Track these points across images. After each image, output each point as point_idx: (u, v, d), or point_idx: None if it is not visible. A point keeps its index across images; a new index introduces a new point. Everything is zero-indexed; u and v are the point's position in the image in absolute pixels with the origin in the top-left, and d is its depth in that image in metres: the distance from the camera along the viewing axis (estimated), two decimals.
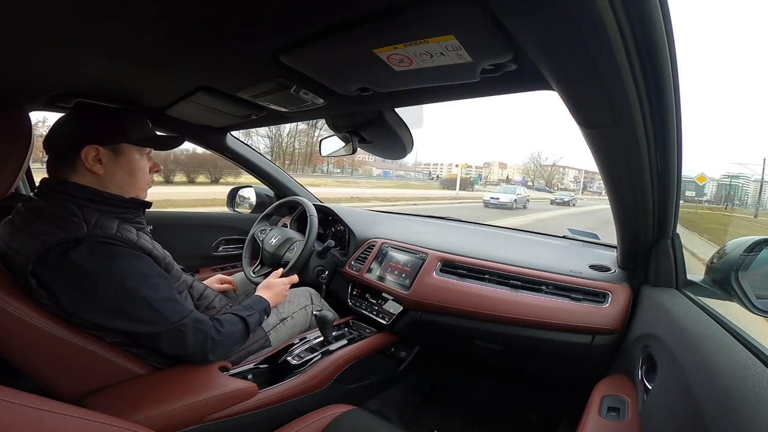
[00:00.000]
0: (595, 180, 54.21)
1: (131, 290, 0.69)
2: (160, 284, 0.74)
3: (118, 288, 0.68)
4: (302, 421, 0.80)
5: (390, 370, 1.25)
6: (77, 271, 0.65)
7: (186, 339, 0.74)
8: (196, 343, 0.75)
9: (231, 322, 0.83)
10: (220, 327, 0.80)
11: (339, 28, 0.51)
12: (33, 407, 0.39)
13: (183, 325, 0.74)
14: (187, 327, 0.74)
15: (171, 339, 0.73)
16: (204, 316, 0.80)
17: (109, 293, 0.68)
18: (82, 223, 0.68)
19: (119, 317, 0.69)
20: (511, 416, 1.32)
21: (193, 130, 1.24)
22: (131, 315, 0.70)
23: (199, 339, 0.76)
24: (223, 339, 0.80)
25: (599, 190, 49.94)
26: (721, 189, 44.67)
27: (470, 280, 1.10)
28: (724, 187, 44.68)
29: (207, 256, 1.57)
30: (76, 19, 0.52)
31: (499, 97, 2.42)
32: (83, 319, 0.69)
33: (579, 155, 70.84)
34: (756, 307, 0.66)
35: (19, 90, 0.87)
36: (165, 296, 0.74)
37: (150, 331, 0.71)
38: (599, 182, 50.85)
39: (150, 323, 0.71)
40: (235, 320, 0.85)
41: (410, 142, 1.08)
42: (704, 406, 0.46)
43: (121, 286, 0.68)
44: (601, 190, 49.35)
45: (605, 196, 0.87)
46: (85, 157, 0.72)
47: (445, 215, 1.86)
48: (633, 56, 0.43)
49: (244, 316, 0.87)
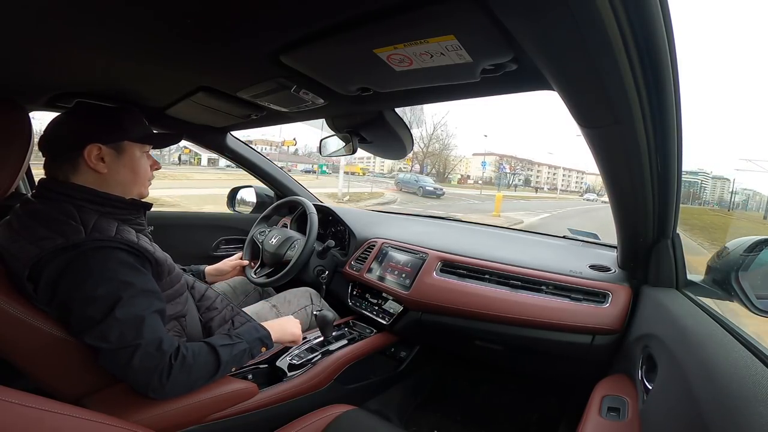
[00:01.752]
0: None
1: (104, 298, 0.64)
2: (137, 301, 0.66)
3: (98, 294, 0.64)
4: (302, 421, 0.80)
5: (390, 370, 1.25)
6: (73, 277, 0.64)
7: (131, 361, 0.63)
8: (143, 368, 0.64)
9: (196, 360, 0.70)
10: (182, 361, 0.67)
11: (339, 28, 0.51)
12: (33, 407, 0.39)
13: (137, 347, 0.63)
14: (138, 349, 0.63)
15: (113, 359, 0.64)
16: (169, 341, 0.68)
17: (91, 299, 0.64)
18: (80, 227, 0.66)
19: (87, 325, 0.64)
20: (511, 416, 1.32)
21: (193, 130, 1.24)
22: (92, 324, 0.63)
23: (149, 366, 0.64)
24: (179, 374, 0.66)
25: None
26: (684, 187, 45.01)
27: (470, 280, 1.10)
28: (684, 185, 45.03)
29: (207, 256, 1.57)
30: (76, 19, 0.52)
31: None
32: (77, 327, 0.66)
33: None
34: (756, 307, 0.66)
35: (19, 90, 0.87)
36: (136, 313, 0.65)
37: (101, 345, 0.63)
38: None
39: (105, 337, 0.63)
40: (202, 356, 0.71)
41: (410, 142, 1.08)
42: (704, 406, 0.46)
43: (100, 290, 0.64)
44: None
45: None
46: (88, 156, 0.71)
47: (446, 215, 1.86)
48: (633, 56, 0.43)
49: (216, 345, 0.73)
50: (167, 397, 0.69)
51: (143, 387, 0.65)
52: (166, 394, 0.67)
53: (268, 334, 0.86)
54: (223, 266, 1.26)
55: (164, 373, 0.65)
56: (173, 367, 0.66)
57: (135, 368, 0.63)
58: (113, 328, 0.63)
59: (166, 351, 0.66)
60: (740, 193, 33.20)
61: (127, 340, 0.63)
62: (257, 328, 0.85)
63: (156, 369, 0.65)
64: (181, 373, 0.67)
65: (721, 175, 64.40)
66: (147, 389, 0.65)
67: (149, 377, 0.64)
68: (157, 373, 0.65)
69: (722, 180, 62.45)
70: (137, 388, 0.66)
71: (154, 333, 0.66)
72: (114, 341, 0.63)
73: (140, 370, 0.64)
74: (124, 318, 0.64)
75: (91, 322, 0.63)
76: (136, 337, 0.64)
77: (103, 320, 0.63)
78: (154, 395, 0.66)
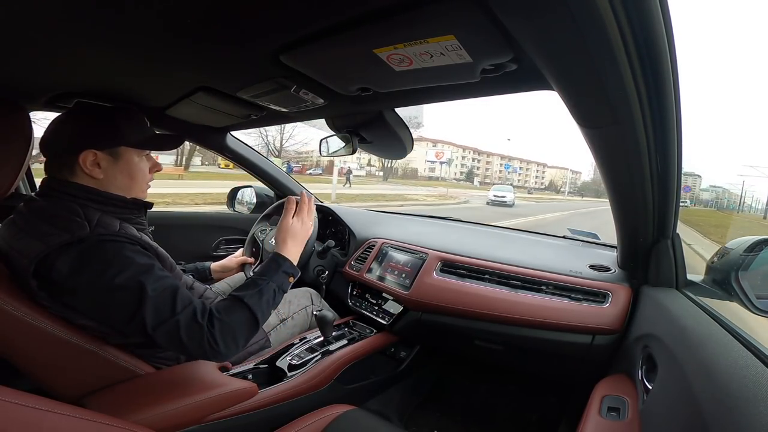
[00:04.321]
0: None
1: (130, 285, 0.65)
2: (161, 279, 0.68)
3: (121, 282, 0.65)
4: (302, 421, 0.80)
5: (390, 370, 1.25)
6: (81, 272, 0.65)
7: (181, 338, 0.66)
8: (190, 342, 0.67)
9: (230, 310, 0.72)
10: (218, 318, 0.70)
11: (339, 28, 0.51)
12: (33, 407, 0.39)
13: (177, 323, 0.66)
14: (180, 324, 0.66)
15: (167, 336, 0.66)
16: (201, 308, 0.70)
17: (110, 289, 0.65)
18: (84, 222, 0.67)
19: (119, 313, 0.66)
20: (511, 416, 1.32)
21: (193, 130, 1.24)
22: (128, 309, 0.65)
23: (195, 338, 0.67)
24: (224, 334, 0.69)
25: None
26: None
27: (470, 280, 1.10)
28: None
29: (207, 256, 1.57)
30: (77, 19, 0.52)
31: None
32: (85, 322, 0.68)
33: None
34: (756, 307, 0.66)
35: (19, 90, 0.87)
36: (169, 284, 0.68)
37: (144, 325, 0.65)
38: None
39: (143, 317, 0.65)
40: (234, 307, 0.72)
41: (410, 142, 1.08)
42: (704, 406, 0.46)
43: (124, 279, 0.65)
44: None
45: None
46: (84, 162, 0.71)
47: (446, 215, 1.86)
48: (633, 56, 0.43)
49: (242, 299, 0.73)
50: (231, 354, 0.71)
51: (204, 356, 0.69)
52: (228, 353, 0.70)
53: (290, 262, 0.84)
54: (229, 263, 1.28)
55: (211, 340, 0.68)
56: (214, 332, 0.68)
57: (186, 343, 0.66)
58: (149, 308, 0.65)
59: (201, 322, 0.68)
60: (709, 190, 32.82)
61: (165, 315, 0.66)
62: (276, 260, 0.83)
63: (204, 339, 0.67)
64: (226, 334, 0.69)
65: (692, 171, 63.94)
66: (209, 357, 0.70)
67: (203, 347, 0.67)
68: (206, 341, 0.67)
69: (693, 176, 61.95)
70: (202, 358, 0.71)
71: (186, 303, 0.68)
72: (155, 319, 0.65)
73: (191, 344, 0.67)
74: (156, 295, 0.66)
75: (127, 309, 0.65)
76: (173, 312, 0.67)
77: (140, 305, 0.65)
78: (219, 359, 0.72)
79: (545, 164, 55.37)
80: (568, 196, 44.91)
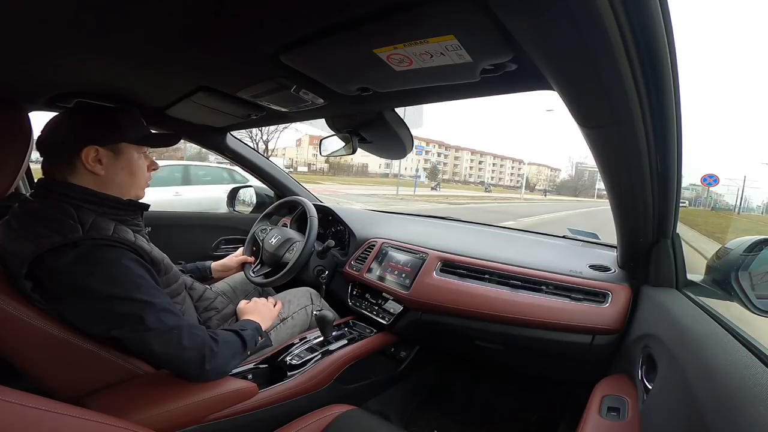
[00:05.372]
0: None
1: (127, 290, 0.67)
2: (155, 293, 0.71)
3: (115, 290, 0.66)
4: (302, 421, 0.80)
5: (390, 370, 1.25)
6: (74, 275, 0.64)
7: (182, 341, 0.69)
8: (193, 346, 0.71)
9: (225, 336, 0.79)
10: (216, 337, 0.76)
11: (339, 28, 0.51)
12: (33, 407, 0.39)
13: (178, 328, 0.70)
14: (182, 330, 0.70)
15: (164, 341, 0.68)
16: (200, 327, 0.77)
17: (104, 296, 0.65)
18: (77, 225, 0.67)
19: (113, 321, 0.66)
20: (511, 416, 1.32)
21: (193, 129, 1.24)
22: (125, 317, 0.66)
23: (197, 343, 0.71)
24: (221, 348, 0.75)
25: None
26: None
27: (470, 280, 1.10)
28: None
29: (207, 257, 1.57)
30: (76, 20, 0.52)
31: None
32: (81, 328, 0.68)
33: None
34: (756, 307, 0.66)
35: (19, 90, 0.87)
36: (162, 304, 0.70)
37: (142, 334, 0.67)
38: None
39: (142, 324, 0.66)
40: (229, 334, 0.81)
41: (410, 141, 1.08)
42: (704, 406, 0.46)
43: (118, 288, 0.66)
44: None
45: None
46: (86, 158, 0.71)
47: (446, 215, 1.86)
48: (633, 56, 0.43)
49: (237, 329, 0.83)
50: (221, 371, 0.77)
51: (197, 362, 0.72)
52: (219, 368, 0.75)
53: (258, 325, 0.92)
54: (229, 262, 1.29)
55: (212, 345, 0.74)
56: (215, 341, 0.75)
57: (187, 347, 0.70)
58: (151, 315, 0.67)
59: (202, 329, 0.75)
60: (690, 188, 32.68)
61: (169, 324, 0.69)
62: (249, 322, 0.91)
63: (205, 343, 0.73)
64: (222, 348, 0.76)
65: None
66: (204, 363, 0.72)
67: (202, 352, 0.72)
68: (207, 346, 0.73)
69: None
70: (190, 367, 0.72)
71: (181, 318, 0.73)
72: (160, 326, 0.68)
73: (191, 347, 0.71)
74: (159, 306, 0.69)
75: (129, 318, 0.67)
76: (177, 319, 0.71)
77: (143, 310, 0.67)
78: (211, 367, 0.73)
79: (521, 160, 53.13)
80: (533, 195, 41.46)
